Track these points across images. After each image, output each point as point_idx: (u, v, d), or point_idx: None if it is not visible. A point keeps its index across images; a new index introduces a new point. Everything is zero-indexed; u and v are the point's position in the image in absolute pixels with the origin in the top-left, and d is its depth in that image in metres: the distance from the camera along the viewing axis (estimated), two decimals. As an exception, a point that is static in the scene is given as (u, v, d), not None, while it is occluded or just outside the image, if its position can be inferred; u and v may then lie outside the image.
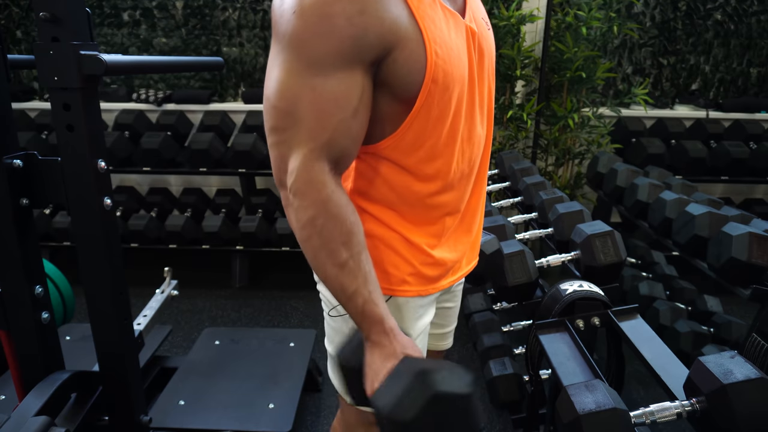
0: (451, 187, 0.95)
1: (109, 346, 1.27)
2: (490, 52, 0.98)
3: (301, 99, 0.76)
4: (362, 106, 0.80)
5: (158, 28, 3.57)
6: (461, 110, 0.90)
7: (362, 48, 0.75)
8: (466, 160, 0.96)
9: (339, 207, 0.80)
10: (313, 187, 0.79)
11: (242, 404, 1.84)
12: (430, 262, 0.98)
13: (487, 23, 0.99)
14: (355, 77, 0.77)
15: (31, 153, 1.17)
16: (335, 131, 0.78)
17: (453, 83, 0.84)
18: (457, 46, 0.85)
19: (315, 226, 0.80)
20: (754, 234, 1.55)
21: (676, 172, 3.02)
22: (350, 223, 0.82)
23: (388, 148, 0.88)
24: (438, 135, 0.88)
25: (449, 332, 1.26)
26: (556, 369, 1.22)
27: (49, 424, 1.07)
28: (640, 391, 2.26)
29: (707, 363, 0.96)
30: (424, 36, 0.79)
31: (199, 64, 1.80)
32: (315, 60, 0.75)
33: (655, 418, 0.98)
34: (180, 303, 2.99)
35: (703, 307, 2.39)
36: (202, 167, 3.15)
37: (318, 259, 0.82)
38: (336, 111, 0.77)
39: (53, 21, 1.03)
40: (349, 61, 0.76)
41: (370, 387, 0.82)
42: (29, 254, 1.20)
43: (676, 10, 3.48)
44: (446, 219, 0.98)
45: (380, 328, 0.83)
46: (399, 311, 1.00)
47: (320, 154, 0.78)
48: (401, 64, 0.79)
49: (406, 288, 0.99)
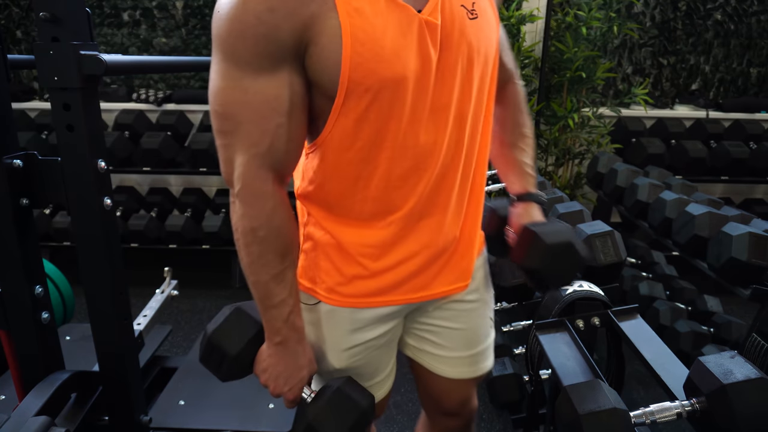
0: (388, 196, 0.89)
1: (109, 346, 1.27)
2: (474, 43, 0.85)
3: (235, 102, 0.77)
4: (295, 107, 0.79)
5: (158, 28, 3.57)
6: (399, 113, 0.82)
7: (277, 46, 0.74)
8: (409, 169, 0.87)
9: (282, 220, 0.84)
10: (259, 200, 0.82)
11: (242, 404, 1.84)
12: (366, 274, 0.95)
13: (475, 11, 0.86)
14: (281, 77, 0.77)
15: (31, 153, 1.17)
16: (274, 137, 0.79)
17: (382, 84, 0.78)
18: (397, 44, 0.78)
19: (257, 236, 0.83)
20: (753, 234, 1.55)
21: (676, 172, 3.02)
22: (290, 237, 0.86)
23: (322, 145, 0.86)
24: (366, 137, 0.83)
25: (458, 358, 1.12)
26: (556, 369, 1.22)
27: (49, 424, 1.07)
28: (640, 391, 2.26)
29: (707, 363, 0.96)
30: (343, 32, 0.74)
31: (199, 64, 1.80)
32: (239, 61, 0.75)
33: (655, 418, 0.98)
34: (180, 303, 2.99)
35: (703, 307, 2.39)
36: (202, 167, 3.15)
37: (253, 265, 0.86)
38: (271, 114, 0.78)
39: (53, 21, 1.03)
40: (270, 61, 0.75)
41: (263, 377, 0.94)
42: (29, 254, 1.20)
43: (676, 10, 3.48)
44: (390, 230, 0.92)
45: (297, 337, 0.91)
46: (327, 318, 1.00)
47: (263, 162, 0.80)
48: (315, 60, 0.77)
49: (336, 297, 0.97)
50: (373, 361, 1.06)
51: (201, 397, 1.88)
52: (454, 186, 0.93)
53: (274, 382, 0.93)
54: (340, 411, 0.92)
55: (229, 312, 0.95)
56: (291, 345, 0.91)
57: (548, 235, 1.04)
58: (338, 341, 1.01)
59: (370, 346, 1.03)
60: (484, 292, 1.13)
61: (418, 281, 0.98)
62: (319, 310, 1.00)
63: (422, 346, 1.12)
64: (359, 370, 1.04)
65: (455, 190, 0.94)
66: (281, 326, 0.89)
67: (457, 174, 0.93)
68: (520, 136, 1.15)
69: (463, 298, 1.07)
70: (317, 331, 1.02)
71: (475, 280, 1.08)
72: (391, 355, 1.11)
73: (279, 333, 0.89)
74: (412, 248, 0.95)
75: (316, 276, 0.98)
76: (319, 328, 1.02)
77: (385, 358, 1.09)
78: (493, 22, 0.91)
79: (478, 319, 1.12)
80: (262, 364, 0.93)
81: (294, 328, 0.90)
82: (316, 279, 0.99)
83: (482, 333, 1.14)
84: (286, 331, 0.89)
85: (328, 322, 1.00)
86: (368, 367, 1.06)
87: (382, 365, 1.09)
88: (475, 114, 0.92)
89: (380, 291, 0.97)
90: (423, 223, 0.94)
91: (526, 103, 1.17)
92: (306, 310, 1.02)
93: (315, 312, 1.01)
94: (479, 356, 1.14)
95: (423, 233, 0.94)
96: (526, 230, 1.07)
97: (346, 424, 0.91)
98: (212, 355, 0.94)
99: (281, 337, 0.90)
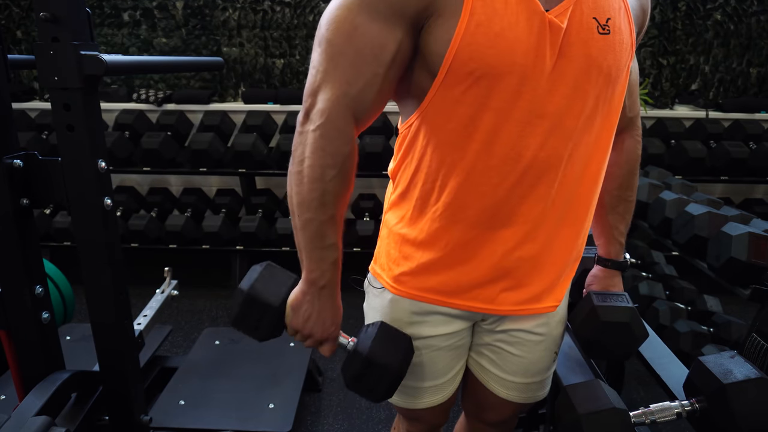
0: (465, 191, 0.87)
1: (109, 346, 1.27)
2: (596, 58, 0.80)
3: (343, 32, 0.78)
4: (395, 64, 0.81)
5: (158, 28, 3.57)
6: (496, 107, 0.80)
7: (402, 2, 0.76)
8: (493, 169, 0.85)
9: (352, 167, 0.85)
10: (340, 139, 0.81)
11: (242, 404, 1.84)
12: (429, 269, 0.96)
13: (607, 27, 0.81)
14: (394, 31, 0.78)
15: (32, 153, 1.17)
16: (367, 83, 0.80)
17: (485, 71, 0.77)
18: (513, 35, 0.76)
19: (326, 174, 0.82)
20: (753, 234, 1.55)
21: (675, 172, 3.02)
22: (350, 187, 0.86)
23: (416, 123, 0.88)
24: (458, 123, 0.82)
25: (513, 382, 1.08)
26: (556, 369, 1.22)
27: (50, 424, 1.07)
28: (640, 391, 2.26)
29: (707, 363, 0.96)
30: (464, 10, 0.75)
31: (199, 64, 1.80)
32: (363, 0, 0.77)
33: (654, 418, 0.98)
34: (180, 303, 2.99)
35: (703, 307, 2.39)
36: (202, 167, 3.15)
37: (313, 202, 0.83)
38: (372, 60, 0.79)
39: (53, 21, 1.03)
40: (394, 12, 0.77)
41: (306, 326, 0.91)
42: (29, 254, 1.20)
43: (676, 10, 3.48)
44: (458, 228, 0.90)
45: (337, 282, 0.90)
46: (390, 306, 1.02)
47: (350, 103, 0.81)
48: (431, 32, 0.79)
49: (398, 287, 1.00)
50: (434, 362, 1.06)
51: (201, 397, 1.88)
52: (542, 203, 0.88)
53: (320, 328, 0.91)
54: (391, 341, 0.96)
55: (262, 268, 0.95)
56: (334, 289, 0.90)
57: (606, 312, 1.05)
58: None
59: (430, 345, 1.04)
60: (555, 328, 1.07)
61: (483, 292, 0.96)
62: (384, 297, 1.02)
63: (480, 360, 1.11)
64: (417, 367, 1.05)
65: (542, 208, 0.89)
66: (328, 268, 0.87)
67: (549, 191, 0.87)
68: (622, 201, 1.10)
69: (532, 329, 1.03)
70: (381, 317, 1.04)
71: (550, 317, 1.03)
72: (453, 363, 1.09)
73: (324, 276, 0.88)
74: (480, 255, 0.92)
75: (384, 263, 1.02)
76: (382, 314, 1.03)
77: (446, 362, 1.07)
78: (627, 46, 0.85)
79: (542, 352, 1.07)
80: (304, 313, 0.91)
81: (338, 272, 0.90)
82: (384, 266, 1.02)
83: (543, 366, 1.09)
84: (331, 274, 0.88)
85: (390, 310, 1.02)
86: (427, 367, 1.06)
87: (443, 369, 1.08)
88: (584, 133, 0.86)
89: (442, 290, 0.97)
90: (497, 232, 0.90)
91: (638, 164, 1.10)
92: (373, 295, 1.05)
93: (380, 297, 1.03)
94: (535, 385, 1.11)
95: (494, 243, 0.91)
96: (589, 299, 1.08)
97: (400, 351, 0.95)
98: (251, 311, 0.92)
99: (326, 280, 0.88)
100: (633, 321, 1.05)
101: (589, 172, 0.91)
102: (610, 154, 0.97)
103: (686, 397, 1.00)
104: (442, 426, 1.22)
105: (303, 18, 3.48)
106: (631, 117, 1.06)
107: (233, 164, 3.11)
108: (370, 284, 1.08)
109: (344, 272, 0.93)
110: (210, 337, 2.26)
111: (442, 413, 1.16)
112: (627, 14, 0.85)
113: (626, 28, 0.85)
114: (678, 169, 3.07)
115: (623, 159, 1.08)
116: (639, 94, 1.08)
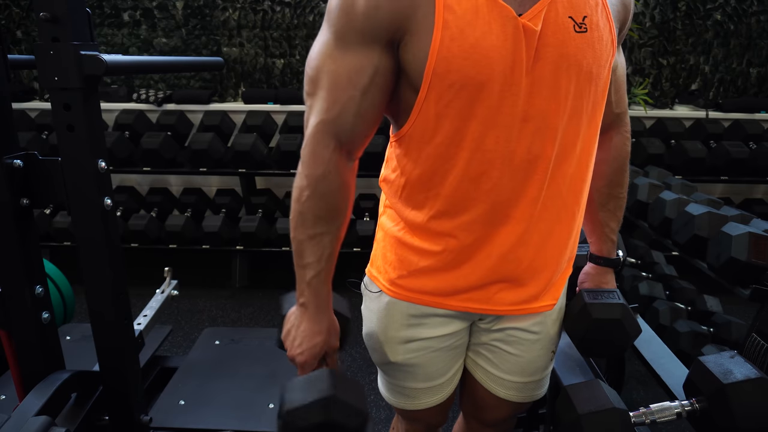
0: (460, 197, 0.89)
1: (109, 345, 1.27)
2: (574, 56, 0.81)
3: (323, 69, 0.83)
4: (374, 86, 0.82)
5: (158, 28, 3.57)
6: (480, 115, 0.81)
7: (374, 26, 0.78)
8: (484, 173, 0.86)
9: (329, 188, 0.86)
10: (314, 162, 0.85)
11: (242, 404, 1.84)
12: (426, 272, 0.96)
13: (584, 25, 0.81)
14: (370, 55, 0.80)
15: (32, 153, 1.17)
16: (343, 108, 0.82)
17: (465, 81, 0.78)
18: (487, 43, 0.77)
19: (302, 195, 0.86)
20: (753, 234, 1.55)
21: (675, 172, 3.02)
22: (334, 205, 0.87)
23: (405, 137, 0.90)
24: (445, 134, 0.84)
25: (510, 381, 1.09)
26: (556, 369, 1.22)
27: (50, 424, 1.07)
28: (640, 391, 2.26)
29: (707, 363, 0.96)
30: (435, 25, 0.76)
31: (199, 64, 1.80)
32: (339, 34, 0.81)
33: (654, 418, 0.99)
34: (180, 303, 2.99)
35: (703, 307, 2.39)
36: (202, 167, 3.15)
37: (293, 221, 0.89)
38: (347, 86, 0.81)
39: (53, 21, 1.03)
40: (364, 38, 0.79)
41: (286, 340, 0.94)
42: (29, 254, 1.20)
43: (676, 10, 3.48)
44: (455, 232, 0.91)
45: (317, 303, 0.91)
46: (387, 309, 1.02)
47: (328, 128, 0.83)
48: (408, 50, 0.80)
49: (395, 289, 1.00)
50: (433, 363, 1.06)
51: (201, 397, 1.88)
52: (534, 204, 0.89)
53: (290, 343, 0.94)
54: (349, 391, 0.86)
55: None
56: (311, 309, 0.91)
57: (597, 309, 1.05)
58: (396, 333, 1.03)
59: (428, 347, 1.04)
60: (551, 327, 1.07)
61: (479, 293, 0.96)
62: (381, 300, 1.03)
63: (478, 360, 1.11)
64: (415, 368, 1.06)
65: (534, 209, 0.90)
66: (304, 288, 0.91)
67: (539, 191, 0.88)
68: (613, 198, 1.10)
69: (528, 328, 1.03)
70: (378, 320, 1.04)
71: (546, 315, 1.04)
72: (451, 363, 1.09)
73: (302, 294, 0.91)
74: (475, 257, 0.93)
75: (381, 266, 1.02)
76: (379, 317, 1.04)
77: (444, 363, 1.08)
78: (607, 42, 0.85)
79: (539, 351, 1.07)
80: (288, 325, 0.95)
81: (315, 294, 0.90)
82: (380, 269, 1.02)
83: (540, 365, 1.09)
84: (308, 293, 0.90)
85: (387, 313, 1.02)
86: (426, 368, 1.06)
87: (441, 370, 1.08)
88: (569, 132, 0.86)
89: (439, 292, 0.97)
90: (491, 235, 0.91)
91: (628, 161, 1.09)
92: (370, 298, 1.06)
93: (377, 301, 1.04)
94: (533, 384, 1.11)
95: (489, 245, 0.92)
96: (580, 297, 1.08)
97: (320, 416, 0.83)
98: None
99: (304, 298, 0.91)
100: (624, 317, 1.05)
101: (578, 169, 0.92)
102: (597, 151, 0.98)
103: (686, 397, 1.00)
104: (441, 426, 1.23)
105: (303, 18, 3.49)
106: (619, 113, 1.06)
107: (233, 164, 3.11)
108: (366, 288, 1.08)
109: (344, 272, 0.93)
110: (210, 337, 2.26)
111: (440, 413, 1.16)
112: (605, 10, 0.86)
113: (605, 24, 0.85)
114: (678, 169, 3.07)
115: (611, 156, 1.08)
116: (639, 94, 1.08)
